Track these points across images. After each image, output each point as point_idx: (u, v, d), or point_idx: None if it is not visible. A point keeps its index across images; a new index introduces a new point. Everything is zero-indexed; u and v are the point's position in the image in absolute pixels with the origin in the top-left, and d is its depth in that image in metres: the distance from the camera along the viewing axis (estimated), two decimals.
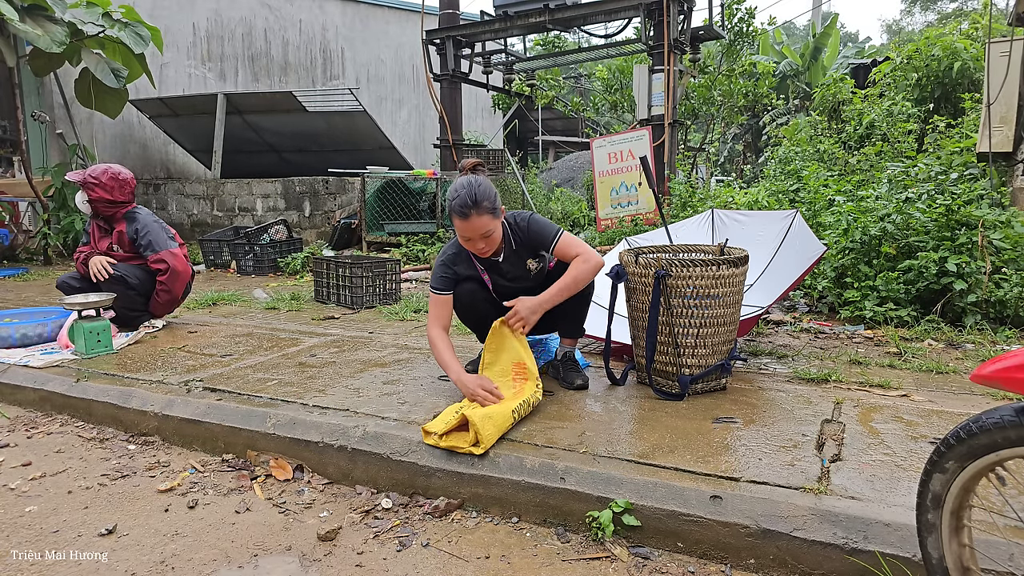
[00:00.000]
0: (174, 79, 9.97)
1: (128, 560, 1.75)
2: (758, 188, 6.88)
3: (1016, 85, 5.04)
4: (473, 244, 2.44)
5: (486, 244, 2.45)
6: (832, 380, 2.70)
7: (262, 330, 3.86)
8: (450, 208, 2.39)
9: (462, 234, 2.43)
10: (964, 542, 1.26)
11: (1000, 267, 3.64)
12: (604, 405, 2.44)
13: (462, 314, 2.72)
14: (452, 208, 2.37)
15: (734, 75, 9.53)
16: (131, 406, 2.65)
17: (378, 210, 7.62)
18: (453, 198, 2.37)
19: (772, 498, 1.70)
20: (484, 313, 2.64)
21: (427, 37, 9.03)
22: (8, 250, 7.69)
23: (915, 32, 27.32)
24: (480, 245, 2.44)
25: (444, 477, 2.01)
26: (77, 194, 3.83)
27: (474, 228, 2.37)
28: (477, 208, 2.34)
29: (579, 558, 1.72)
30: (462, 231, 2.41)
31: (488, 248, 2.47)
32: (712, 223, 3.53)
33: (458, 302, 2.63)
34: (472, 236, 2.40)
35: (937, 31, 7.97)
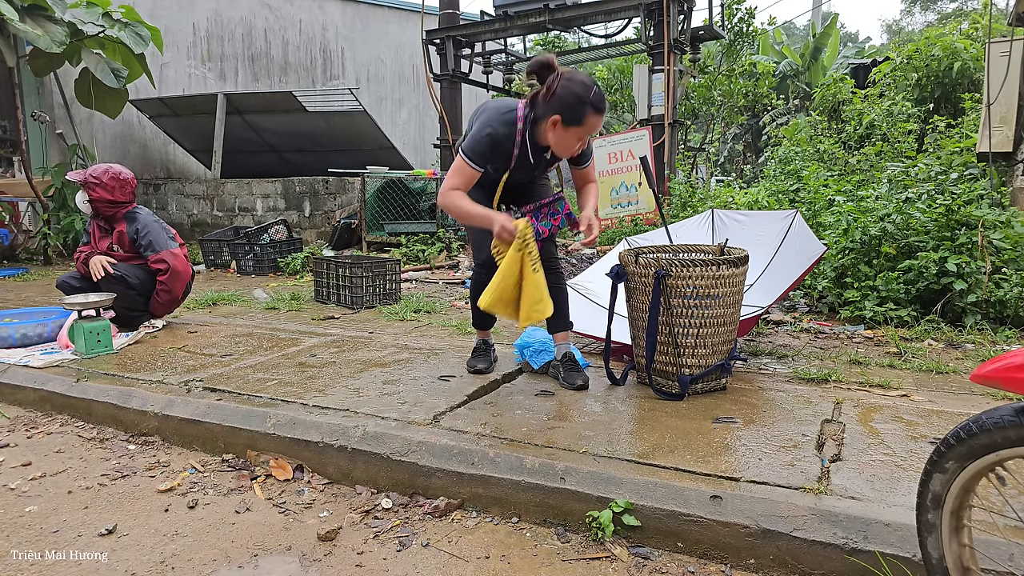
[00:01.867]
0: (174, 79, 9.97)
1: (128, 560, 1.75)
2: (758, 188, 6.89)
3: (1016, 85, 5.04)
4: (572, 144, 2.39)
5: (581, 144, 2.43)
6: (832, 380, 2.70)
7: (262, 330, 3.86)
8: (587, 100, 2.28)
9: (583, 132, 2.35)
10: (964, 542, 1.26)
11: (1000, 267, 3.64)
12: (604, 405, 2.44)
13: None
14: (592, 100, 2.28)
15: (734, 75, 9.53)
16: (131, 406, 2.65)
17: (378, 210, 7.62)
18: (589, 91, 2.28)
19: (772, 498, 1.70)
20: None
21: (427, 37, 9.03)
22: (8, 250, 7.69)
23: (915, 32, 27.33)
24: (577, 146, 2.41)
25: (444, 477, 2.01)
26: (78, 194, 3.83)
27: (596, 126, 2.35)
28: (606, 107, 2.34)
29: (579, 558, 1.72)
30: (587, 128, 2.34)
31: (577, 149, 2.45)
32: (712, 223, 3.53)
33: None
34: (586, 135, 2.38)
35: (937, 31, 7.98)
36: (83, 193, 3.78)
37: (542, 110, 2.37)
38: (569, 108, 2.31)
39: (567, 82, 2.30)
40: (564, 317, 2.81)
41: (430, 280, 5.87)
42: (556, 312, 2.74)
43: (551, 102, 2.33)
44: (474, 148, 2.42)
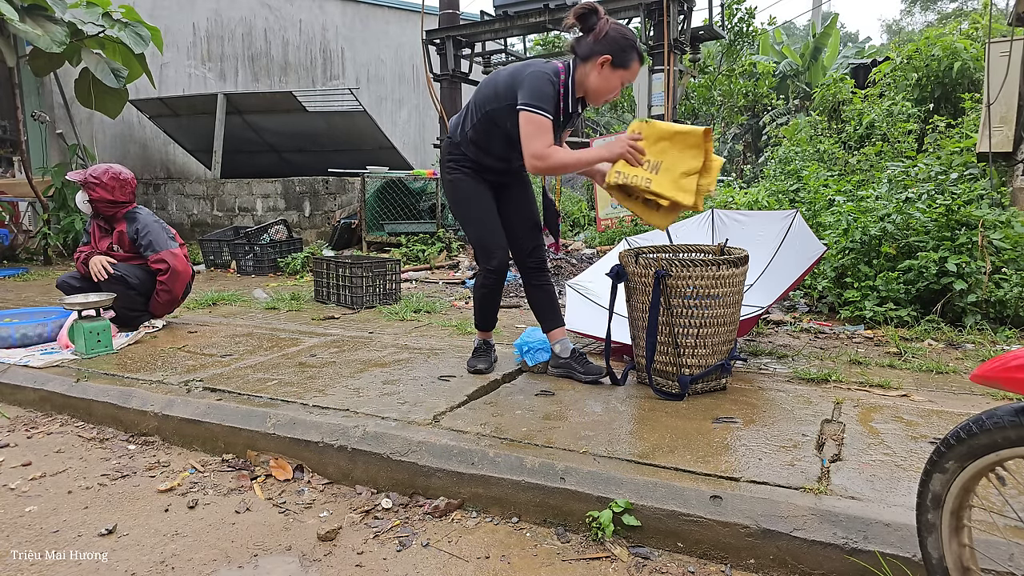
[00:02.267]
0: (174, 79, 9.97)
1: (128, 560, 1.75)
2: (758, 188, 6.89)
3: (1016, 85, 5.04)
4: (613, 89, 2.45)
5: (615, 93, 2.49)
6: (832, 380, 2.70)
7: (262, 330, 3.86)
8: (635, 46, 2.37)
9: (627, 77, 2.42)
10: (964, 542, 1.26)
11: (1000, 267, 3.64)
12: (604, 405, 2.44)
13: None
14: (638, 48, 2.38)
15: (734, 75, 9.54)
16: (131, 406, 2.65)
17: (378, 210, 7.62)
18: (636, 39, 2.36)
19: (772, 498, 1.70)
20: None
21: (427, 37, 9.03)
22: (8, 250, 7.69)
23: (915, 32, 27.32)
24: (613, 94, 2.48)
25: (444, 477, 2.01)
26: (78, 194, 3.83)
27: (635, 76, 2.45)
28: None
29: (579, 558, 1.72)
30: (630, 74, 2.42)
31: (611, 97, 2.51)
32: (712, 223, 3.53)
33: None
34: (627, 82, 2.45)
35: (937, 31, 7.98)
36: (83, 193, 3.78)
37: (589, 50, 2.39)
38: (620, 50, 2.37)
39: (617, 26, 2.38)
40: (557, 314, 2.86)
41: (430, 280, 5.87)
42: (549, 310, 2.84)
43: (601, 42, 2.36)
44: (541, 97, 2.37)
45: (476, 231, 2.73)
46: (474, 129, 2.61)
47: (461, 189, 2.72)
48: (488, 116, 2.55)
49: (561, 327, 2.85)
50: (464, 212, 2.74)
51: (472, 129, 2.61)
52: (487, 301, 2.87)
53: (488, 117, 2.56)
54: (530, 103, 2.36)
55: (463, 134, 2.65)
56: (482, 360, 2.90)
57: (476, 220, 2.71)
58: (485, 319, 2.93)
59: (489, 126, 2.57)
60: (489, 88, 2.55)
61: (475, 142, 2.64)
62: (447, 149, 2.75)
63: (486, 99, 2.54)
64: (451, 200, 2.80)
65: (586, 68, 2.43)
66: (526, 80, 2.40)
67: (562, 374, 2.83)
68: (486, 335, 2.99)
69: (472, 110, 2.61)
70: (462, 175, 2.71)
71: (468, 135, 2.64)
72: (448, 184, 2.77)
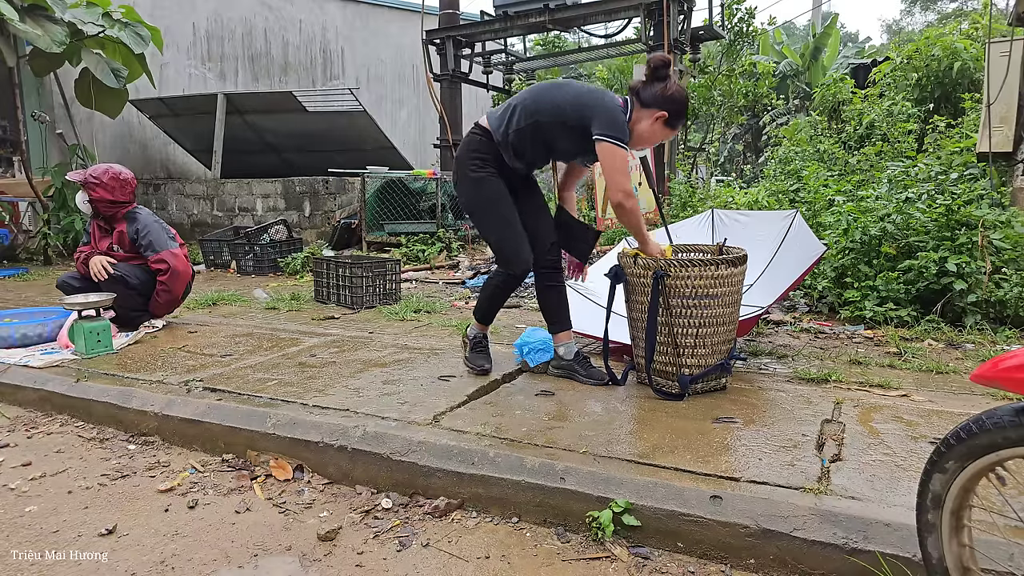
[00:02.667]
0: (174, 79, 9.97)
1: (128, 560, 1.75)
2: (758, 188, 6.89)
3: (1016, 85, 5.04)
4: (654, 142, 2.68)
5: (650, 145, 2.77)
6: (832, 380, 2.70)
7: (262, 330, 3.86)
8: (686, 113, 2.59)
9: (668, 135, 2.61)
10: (964, 542, 1.26)
11: (1000, 267, 3.64)
12: (604, 405, 2.44)
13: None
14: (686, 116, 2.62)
15: (734, 75, 9.53)
16: (131, 406, 2.65)
17: (378, 210, 7.61)
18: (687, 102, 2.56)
19: (772, 498, 1.70)
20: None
21: (427, 37, 9.03)
22: (8, 250, 7.69)
23: (915, 32, 27.31)
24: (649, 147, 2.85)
25: (444, 477, 2.01)
26: (78, 194, 3.82)
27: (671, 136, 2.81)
28: None
29: (579, 558, 1.72)
30: (673, 134, 2.63)
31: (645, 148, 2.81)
32: (712, 223, 3.53)
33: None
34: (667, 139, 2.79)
35: (937, 31, 7.98)
36: (83, 193, 3.78)
37: (653, 100, 2.49)
38: (678, 112, 2.51)
39: (679, 88, 2.50)
40: (566, 317, 2.84)
41: (430, 280, 5.87)
42: (558, 311, 2.81)
43: (668, 98, 2.48)
44: (623, 131, 2.44)
45: (502, 235, 2.67)
46: (518, 133, 2.58)
47: (489, 189, 2.64)
48: (539, 126, 2.55)
49: (568, 330, 2.84)
50: (489, 214, 2.68)
51: (515, 133, 2.58)
52: (499, 298, 2.83)
53: (538, 126, 2.55)
54: (615, 136, 2.41)
55: (504, 135, 2.60)
56: (484, 357, 2.89)
57: (502, 224, 2.66)
58: (491, 313, 2.90)
59: (535, 135, 2.57)
60: (548, 100, 2.55)
61: (513, 145, 2.61)
62: (476, 146, 2.65)
63: (542, 111, 2.54)
64: (473, 199, 2.70)
65: (642, 114, 2.51)
66: (606, 111, 2.44)
67: (563, 375, 2.83)
68: (486, 328, 2.96)
69: (519, 114, 2.57)
70: (488, 174, 2.64)
71: (510, 137, 2.59)
72: (472, 182, 2.66)
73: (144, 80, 7.80)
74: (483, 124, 2.67)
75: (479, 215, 2.72)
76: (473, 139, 2.67)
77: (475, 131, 2.69)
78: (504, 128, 2.60)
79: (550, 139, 2.58)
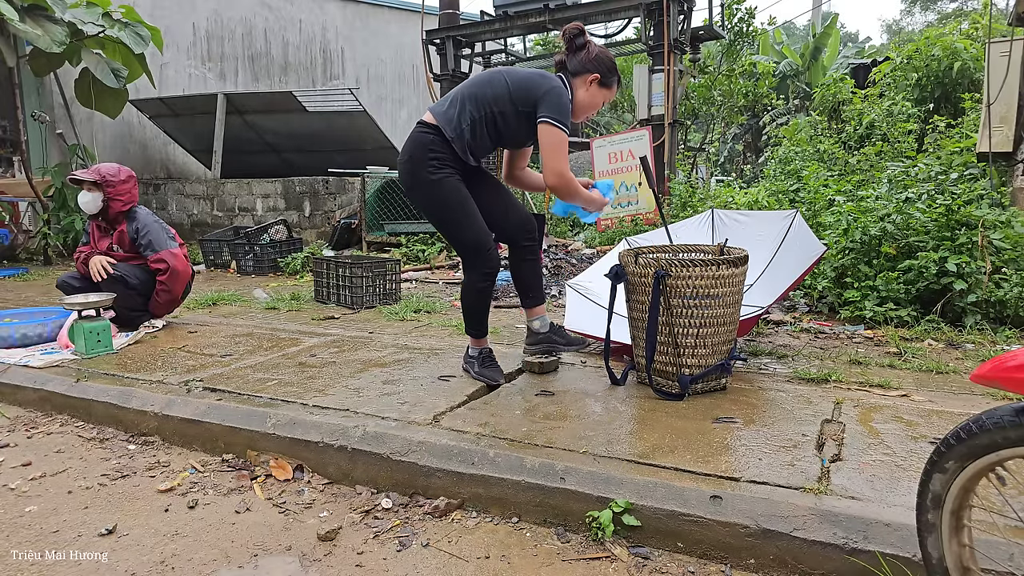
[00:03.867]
0: (174, 79, 9.97)
1: (128, 560, 1.75)
2: (758, 188, 6.89)
3: (1016, 85, 5.04)
4: (595, 107, 2.63)
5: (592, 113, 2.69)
6: (832, 380, 2.70)
7: (262, 330, 3.86)
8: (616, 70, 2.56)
9: (607, 96, 2.62)
10: (964, 542, 1.26)
11: (1000, 267, 3.64)
12: (604, 405, 2.44)
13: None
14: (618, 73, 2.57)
15: (734, 75, 9.52)
16: (131, 406, 2.65)
17: (378, 210, 7.62)
18: (614, 60, 2.57)
19: (772, 498, 1.70)
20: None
21: (427, 37, 9.03)
22: (8, 250, 7.69)
23: (915, 32, 27.32)
24: (596, 110, 2.66)
25: (444, 477, 2.01)
26: (84, 194, 3.76)
27: (611, 98, 2.67)
28: None
29: (579, 558, 1.72)
30: (610, 94, 2.61)
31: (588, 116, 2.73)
32: (712, 223, 3.53)
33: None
34: (605, 102, 2.65)
35: (937, 31, 7.98)
36: (97, 193, 3.76)
37: (582, 67, 2.54)
38: (608, 70, 2.56)
39: (603, 48, 2.58)
40: (540, 291, 2.87)
41: (430, 280, 5.87)
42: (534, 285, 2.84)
43: (593, 61, 2.53)
44: (565, 113, 2.47)
45: (470, 233, 2.57)
46: (472, 127, 2.52)
47: (452, 189, 2.53)
48: (493, 115, 2.51)
49: (542, 304, 2.84)
50: (454, 215, 2.57)
51: (469, 126, 2.51)
52: (483, 302, 2.72)
53: (492, 116, 2.51)
54: (557, 118, 2.44)
55: (458, 130, 2.51)
56: (496, 370, 2.75)
57: (470, 223, 2.56)
58: (482, 323, 2.76)
59: (489, 125, 2.54)
60: (494, 88, 2.51)
61: (468, 139, 2.53)
62: (431, 145, 2.52)
63: (494, 99, 2.50)
64: (436, 203, 2.57)
65: (576, 83, 2.57)
66: (550, 94, 2.45)
67: (540, 350, 2.84)
68: (484, 342, 2.81)
69: (470, 106, 2.51)
70: (447, 175, 2.53)
71: (464, 132, 2.52)
72: (432, 184, 2.52)
73: (144, 80, 7.80)
74: (430, 120, 2.55)
75: (445, 217, 2.59)
76: (425, 138, 2.53)
77: (424, 130, 2.55)
78: (457, 123, 2.51)
79: (503, 126, 2.55)
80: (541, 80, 2.50)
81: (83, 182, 3.76)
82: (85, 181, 3.75)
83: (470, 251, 2.63)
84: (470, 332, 2.80)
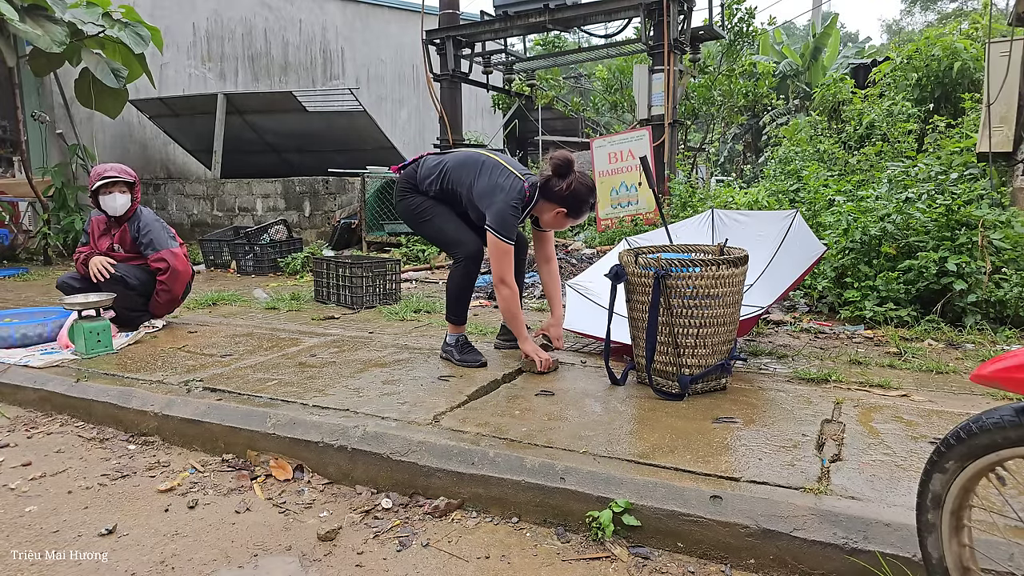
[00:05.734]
0: (174, 79, 9.96)
1: (128, 560, 1.75)
2: (758, 188, 6.89)
3: (1016, 85, 5.04)
4: (561, 227, 2.94)
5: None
6: (832, 380, 2.70)
7: (262, 330, 3.86)
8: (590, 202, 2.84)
9: (574, 223, 2.93)
10: (964, 542, 1.26)
11: (1000, 267, 3.64)
12: (604, 405, 2.44)
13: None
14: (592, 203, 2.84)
15: (734, 75, 9.51)
16: (131, 406, 2.65)
17: (378, 210, 7.62)
18: (592, 195, 2.84)
19: (772, 498, 1.70)
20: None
21: (427, 37, 9.02)
22: (8, 250, 7.69)
23: (915, 32, 27.32)
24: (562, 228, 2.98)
25: (444, 477, 2.01)
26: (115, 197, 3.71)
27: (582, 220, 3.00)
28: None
29: (579, 558, 1.72)
30: (579, 220, 2.90)
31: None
32: (712, 223, 3.53)
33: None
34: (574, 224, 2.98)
35: (937, 31, 7.98)
36: (128, 194, 3.76)
37: (553, 198, 2.82)
38: (578, 206, 2.83)
39: (580, 185, 2.78)
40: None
41: (430, 280, 5.87)
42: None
43: (567, 198, 2.79)
44: (509, 229, 2.77)
45: (441, 231, 2.99)
46: (442, 191, 2.97)
47: (416, 204, 3.01)
48: (458, 192, 2.93)
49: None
50: (427, 221, 3.00)
51: (440, 191, 2.97)
52: (467, 290, 3.00)
53: (457, 193, 2.94)
54: (500, 232, 2.76)
55: (429, 189, 2.98)
56: (475, 352, 3.01)
57: (440, 222, 2.98)
58: (463, 308, 3.03)
59: (456, 196, 2.96)
60: (466, 178, 2.90)
61: (438, 197, 3.00)
62: (409, 183, 3.02)
63: (461, 183, 2.91)
64: (411, 217, 3.05)
65: (545, 207, 2.87)
66: (497, 208, 2.78)
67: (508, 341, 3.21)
68: (462, 329, 3.07)
69: (444, 180, 2.94)
70: (416, 196, 3.02)
71: (434, 193, 2.98)
72: (403, 205, 3.05)
73: (144, 80, 7.80)
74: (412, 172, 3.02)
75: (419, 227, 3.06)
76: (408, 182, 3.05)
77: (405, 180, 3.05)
78: (428, 185, 2.98)
79: (469, 204, 2.92)
80: (494, 188, 2.82)
81: (117, 184, 3.73)
82: (120, 182, 3.73)
83: (446, 244, 3.04)
84: (452, 318, 3.04)
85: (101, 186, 3.71)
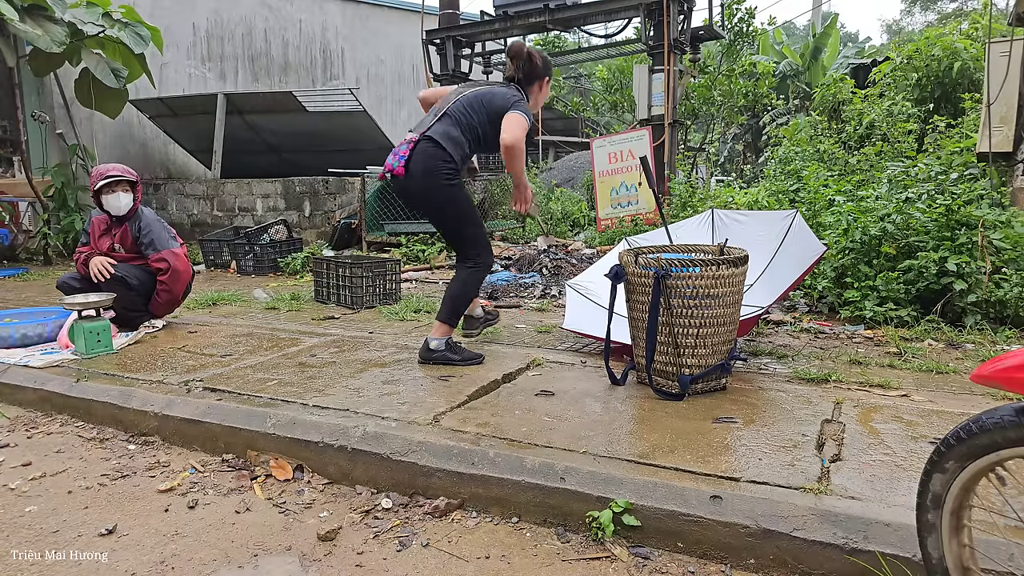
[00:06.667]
0: (174, 79, 9.96)
1: (128, 560, 1.75)
2: (758, 188, 6.89)
3: (1016, 85, 5.04)
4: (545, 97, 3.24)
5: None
6: (832, 380, 2.70)
7: (262, 330, 3.86)
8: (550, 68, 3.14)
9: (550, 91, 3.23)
10: (964, 542, 1.26)
11: (1000, 267, 3.63)
12: (604, 405, 2.44)
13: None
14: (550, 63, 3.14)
15: (734, 75, 9.52)
16: (131, 406, 2.65)
17: (378, 210, 7.61)
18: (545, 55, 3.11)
19: (772, 498, 1.70)
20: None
21: (427, 37, 9.03)
22: (8, 250, 7.69)
23: (915, 32, 27.31)
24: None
25: (444, 477, 2.01)
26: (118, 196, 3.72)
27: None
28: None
29: (579, 558, 1.72)
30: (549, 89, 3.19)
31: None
32: (712, 223, 3.53)
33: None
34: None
35: (937, 31, 7.98)
36: (131, 193, 3.77)
37: (537, 74, 3.09)
38: (550, 69, 3.17)
39: (535, 52, 3.10)
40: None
41: (430, 280, 5.87)
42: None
43: (542, 68, 3.09)
44: (528, 113, 2.93)
45: (480, 231, 3.09)
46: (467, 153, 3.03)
47: (464, 195, 3.05)
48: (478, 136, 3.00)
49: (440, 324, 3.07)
50: (470, 215, 3.05)
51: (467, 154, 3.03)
52: (472, 293, 3.12)
53: (477, 137, 3.00)
54: (524, 111, 2.93)
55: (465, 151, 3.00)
56: (469, 351, 3.07)
57: (480, 226, 3.09)
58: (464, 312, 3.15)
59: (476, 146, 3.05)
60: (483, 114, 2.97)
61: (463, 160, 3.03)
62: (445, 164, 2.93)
63: (481, 123, 2.98)
64: (457, 205, 3.00)
65: (532, 89, 3.12)
66: (519, 105, 2.94)
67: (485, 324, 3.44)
68: (452, 332, 3.10)
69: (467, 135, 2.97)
70: (463, 190, 3.06)
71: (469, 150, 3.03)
72: (450, 189, 2.95)
73: (144, 80, 7.80)
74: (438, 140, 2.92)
75: (461, 219, 3.04)
76: (437, 152, 2.92)
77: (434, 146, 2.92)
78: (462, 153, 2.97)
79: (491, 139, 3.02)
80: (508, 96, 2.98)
81: (120, 183, 3.73)
82: (123, 182, 3.73)
83: (476, 244, 3.08)
84: (451, 320, 3.05)
85: (104, 185, 3.71)
